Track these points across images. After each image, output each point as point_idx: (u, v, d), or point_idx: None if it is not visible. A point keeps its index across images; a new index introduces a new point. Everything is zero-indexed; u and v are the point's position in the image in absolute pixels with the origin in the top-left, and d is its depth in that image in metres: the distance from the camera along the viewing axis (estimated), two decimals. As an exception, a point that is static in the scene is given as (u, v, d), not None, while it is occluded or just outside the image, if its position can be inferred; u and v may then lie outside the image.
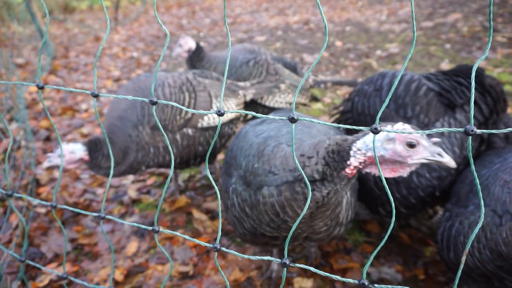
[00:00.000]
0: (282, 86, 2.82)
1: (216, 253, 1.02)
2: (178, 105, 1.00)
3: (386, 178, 1.23)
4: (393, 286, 0.87)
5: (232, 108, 2.53)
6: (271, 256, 2.09)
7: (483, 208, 0.81)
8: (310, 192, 0.88)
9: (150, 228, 1.08)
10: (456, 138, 1.73)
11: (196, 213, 2.56)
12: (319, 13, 8.34)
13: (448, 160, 1.11)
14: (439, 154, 1.10)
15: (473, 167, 0.80)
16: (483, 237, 1.33)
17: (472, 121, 0.80)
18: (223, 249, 1.00)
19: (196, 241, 1.03)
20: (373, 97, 1.90)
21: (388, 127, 1.12)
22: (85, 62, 6.38)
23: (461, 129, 0.79)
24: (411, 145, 1.11)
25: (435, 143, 1.13)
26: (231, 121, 2.55)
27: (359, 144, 1.17)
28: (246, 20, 8.63)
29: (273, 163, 1.40)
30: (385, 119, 1.78)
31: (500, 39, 5.12)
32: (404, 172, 1.16)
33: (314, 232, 1.54)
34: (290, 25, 7.57)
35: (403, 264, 2.08)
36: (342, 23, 7.18)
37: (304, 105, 3.01)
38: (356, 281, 0.89)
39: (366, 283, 0.87)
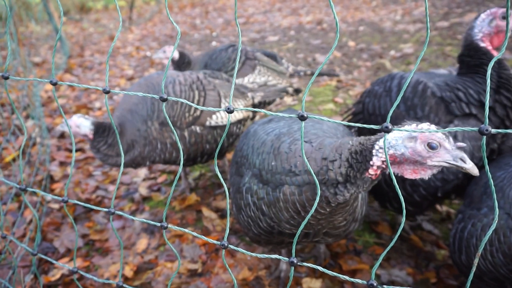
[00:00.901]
0: (290, 89, 2.85)
1: (224, 250, 1.02)
2: (188, 102, 1.00)
3: (398, 177, 1.21)
4: (403, 288, 0.85)
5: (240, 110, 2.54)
6: (282, 256, 2.08)
7: (497, 210, 0.79)
8: (317, 198, 0.87)
9: (159, 224, 1.09)
10: (468, 140, 1.71)
11: (206, 211, 2.57)
12: (332, 13, 8.30)
13: (471, 167, 1.06)
14: (462, 160, 1.07)
15: (487, 167, 0.78)
16: (496, 240, 1.30)
17: (487, 120, 0.78)
18: (231, 246, 1.00)
19: (205, 238, 1.04)
20: (384, 97, 1.89)
21: (413, 126, 1.10)
22: (99, 61, 6.48)
23: (476, 128, 0.77)
24: (432, 147, 1.08)
25: (459, 148, 1.09)
26: (239, 121, 2.56)
27: (381, 142, 1.15)
28: (259, 20, 8.63)
29: (293, 162, 1.40)
30: (396, 119, 1.77)
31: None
32: (425, 174, 1.13)
33: (333, 227, 1.54)
34: (303, 25, 7.55)
35: (414, 267, 2.04)
36: (356, 23, 7.12)
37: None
38: (365, 282, 0.88)
39: (375, 284, 0.86)
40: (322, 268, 0.90)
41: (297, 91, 2.96)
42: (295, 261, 0.92)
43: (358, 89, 4.23)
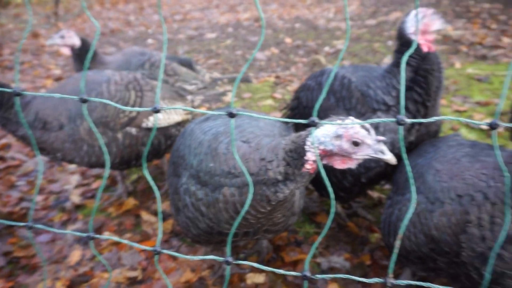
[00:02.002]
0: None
1: (157, 256, 0.98)
2: (110, 102, 0.94)
3: (328, 168, 1.27)
4: (333, 275, 0.88)
5: (180, 112, 2.47)
6: (224, 254, 2.07)
7: (414, 195, 0.85)
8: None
9: (85, 235, 1.02)
10: (389, 132, 1.82)
11: (145, 215, 2.47)
12: (269, 10, 8.41)
13: (390, 158, 1.18)
14: (382, 152, 1.17)
15: (405, 155, 0.83)
16: (418, 223, 1.40)
17: (403, 111, 0.83)
18: (164, 251, 0.96)
19: (136, 245, 0.98)
20: (316, 91, 1.98)
21: (338, 121, 1.16)
22: (21, 60, 5.92)
23: (393, 119, 0.82)
24: (356, 144, 1.17)
25: (379, 141, 1.18)
26: (179, 124, 2.49)
27: (311, 139, 1.20)
28: (197, 17, 8.50)
29: (231, 164, 1.40)
30: (328, 110, 1.86)
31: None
32: (352, 164, 1.23)
33: (273, 224, 1.56)
34: (240, 22, 7.56)
35: (351, 252, 2.15)
36: (292, 20, 7.30)
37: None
38: (299, 274, 0.90)
39: (308, 275, 0.88)
40: (257, 264, 0.90)
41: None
42: (230, 260, 0.92)
43: (295, 84, 4.34)
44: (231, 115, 0.86)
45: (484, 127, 3.15)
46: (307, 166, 1.22)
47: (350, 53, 5.18)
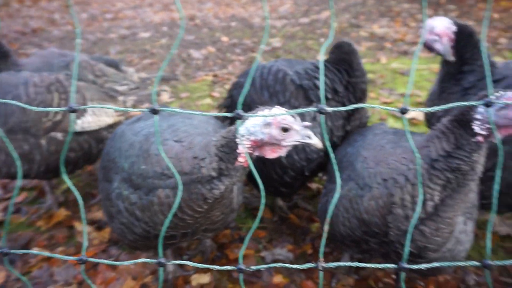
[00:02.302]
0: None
1: (83, 265, 0.92)
2: (19, 104, 0.86)
3: (257, 163, 1.30)
4: (267, 265, 0.89)
5: (111, 114, 2.35)
6: (167, 257, 2.01)
7: (339, 181, 0.89)
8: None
9: (-1, 250, 0.92)
10: (325, 125, 1.91)
11: (79, 226, 2.32)
12: (205, 8, 8.33)
13: (316, 142, 1.25)
14: (309, 137, 1.23)
15: (328, 143, 0.86)
16: (351, 208, 1.48)
17: (324, 100, 0.86)
18: (91, 259, 0.91)
19: (58, 256, 0.92)
20: (249, 87, 1.98)
21: (266, 111, 1.20)
22: None
23: (315, 108, 0.85)
24: (285, 130, 1.21)
25: (306, 127, 1.24)
26: (111, 126, 2.36)
27: (241, 131, 1.21)
28: (129, 16, 8.15)
29: (164, 165, 1.36)
30: (262, 106, 1.87)
31: (363, 33, 5.82)
32: (282, 152, 1.27)
33: (212, 223, 1.55)
34: (175, 21, 7.40)
35: (293, 243, 2.21)
36: (227, 19, 7.30)
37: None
38: (235, 267, 0.90)
39: (243, 267, 0.88)
40: (188, 263, 0.88)
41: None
42: (163, 261, 0.89)
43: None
44: (154, 112, 0.84)
45: (401, 114, 3.42)
46: (240, 159, 1.23)
47: (286, 51, 5.32)
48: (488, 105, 0.85)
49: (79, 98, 2.22)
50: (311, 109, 0.85)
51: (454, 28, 1.86)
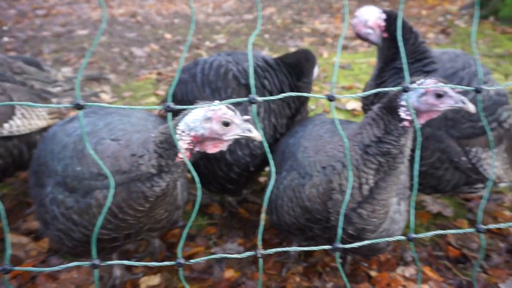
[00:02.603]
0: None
1: (7, 276, 0.86)
2: None
3: (201, 160, 1.30)
4: (207, 257, 0.90)
5: (43, 117, 2.20)
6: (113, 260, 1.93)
7: (273, 168, 0.91)
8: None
9: None
10: (270, 122, 1.94)
11: (14, 237, 2.15)
12: (147, 5, 8.07)
13: (256, 135, 1.25)
14: (249, 130, 1.24)
15: (261, 131, 0.88)
16: (294, 197, 1.53)
17: (254, 90, 0.88)
18: (16, 268, 0.85)
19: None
20: (190, 83, 1.96)
21: (205, 107, 1.18)
22: None
23: (246, 99, 0.86)
24: (226, 124, 1.20)
25: (246, 120, 1.25)
26: (44, 129, 2.22)
27: (181, 126, 1.19)
28: (64, 12, 7.66)
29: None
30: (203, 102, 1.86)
31: (306, 29, 5.99)
32: (223, 146, 1.27)
33: (156, 221, 1.52)
34: (115, 18, 7.09)
35: (244, 237, 2.23)
36: (171, 15, 7.14)
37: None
38: (174, 262, 0.89)
39: (182, 261, 0.88)
40: (120, 262, 0.86)
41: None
42: (97, 263, 0.86)
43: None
44: (79, 107, 0.80)
45: (349, 107, 3.59)
46: (180, 155, 1.21)
47: (230, 47, 5.32)
48: (405, 91, 0.92)
49: (5, 100, 2.05)
50: (243, 99, 0.86)
51: (383, 16, 1.92)
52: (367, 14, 1.96)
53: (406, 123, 1.30)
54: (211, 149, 1.25)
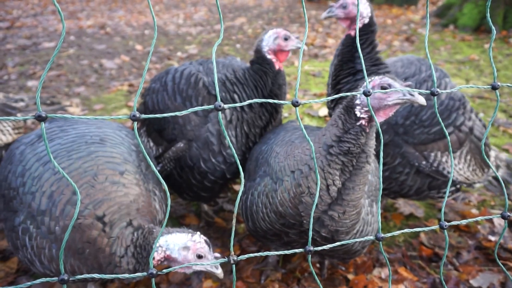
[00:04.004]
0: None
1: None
2: None
3: (175, 170, 1.31)
4: (179, 266, 0.88)
5: (7, 132, 2.12)
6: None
7: (242, 172, 0.91)
8: None
9: None
10: (242, 129, 1.94)
11: (-23, 260, 2.04)
12: (116, 16, 7.97)
13: (217, 272, 1.38)
14: (214, 265, 1.36)
15: (228, 139, 0.88)
16: (268, 203, 1.53)
17: (219, 97, 0.88)
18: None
19: None
20: (161, 92, 1.94)
21: (189, 236, 1.35)
22: None
23: (212, 106, 0.86)
24: (200, 256, 1.34)
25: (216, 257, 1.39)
26: (9, 145, 2.13)
27: (161, 241, 1.33)
28: (29, 24, 7.45)
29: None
30: (176, 111, 1.84)
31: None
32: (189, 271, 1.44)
33: None
34: (84, 30, 6.96)
35: (221, 246, 2.21)
36: (141, 26, 7.08)
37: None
38: (145, 274, 0.87)
39: (155, 272, 0.86)
40: (93, 275, 0.84)
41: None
42: (66, 278, 0.83)
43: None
44: (41, 119, 0.78)
45: (321, 114, 3.66)
46: (154, 262, 1.33)
47: (202, 57, 5.32)
48: (366, 95, 0.95)
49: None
50: (208, 107, 0.86)
51: (367, 20, 1.87)
52: (363, 6, 1.87)
53: (363, 122, 1.32)
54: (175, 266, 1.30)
